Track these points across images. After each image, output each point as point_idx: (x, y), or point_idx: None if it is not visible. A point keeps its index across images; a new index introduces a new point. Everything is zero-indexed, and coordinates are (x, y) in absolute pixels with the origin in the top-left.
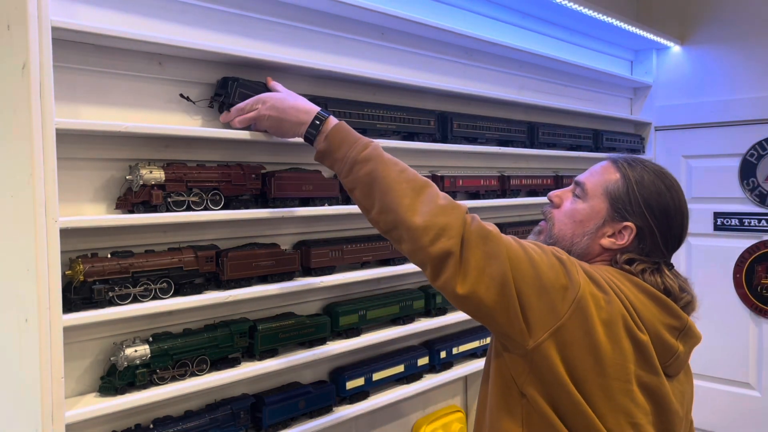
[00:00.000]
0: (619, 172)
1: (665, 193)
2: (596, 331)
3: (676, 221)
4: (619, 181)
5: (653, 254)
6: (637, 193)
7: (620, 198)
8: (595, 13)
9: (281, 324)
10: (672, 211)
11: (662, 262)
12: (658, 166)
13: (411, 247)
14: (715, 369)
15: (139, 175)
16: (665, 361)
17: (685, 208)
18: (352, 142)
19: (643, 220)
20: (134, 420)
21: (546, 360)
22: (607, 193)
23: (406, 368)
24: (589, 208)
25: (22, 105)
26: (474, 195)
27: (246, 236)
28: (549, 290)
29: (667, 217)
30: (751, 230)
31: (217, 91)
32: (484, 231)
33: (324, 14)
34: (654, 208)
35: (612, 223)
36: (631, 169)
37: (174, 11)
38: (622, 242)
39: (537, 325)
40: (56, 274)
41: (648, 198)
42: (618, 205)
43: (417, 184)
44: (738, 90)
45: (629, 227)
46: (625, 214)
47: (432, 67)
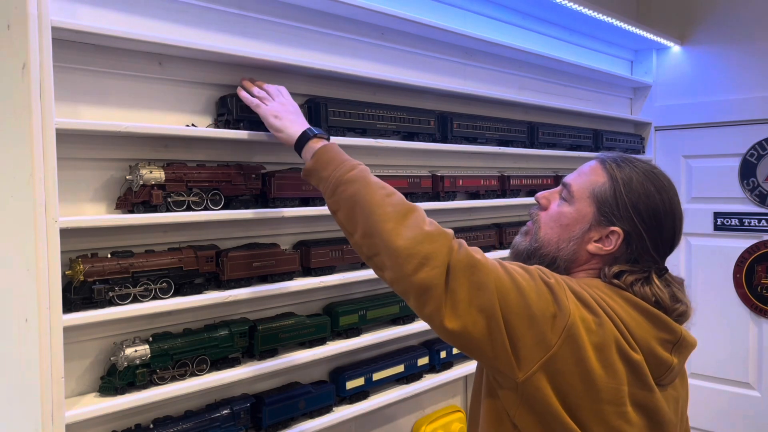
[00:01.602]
0: (607, 174)
1: (655, 196)
2: (588, 358)
3: (666, 225)
4: (606, 184)
5: (643, 260)
6: (624, 196)
7: (607, 201)
8: (595, 13)
9: (281, 324)
10: (662, 215)
11: (653, 270)
12: (649, 166)
13: (393, 275)
14: (715, 369)
15: (139, 175)
16: (660, 375)
17: (677, 211)
18: (339, 163)
19: (630, 224)
20: (134, 420)
21: (538, 391)
22: (593, 196)
23: (406, 368)
24: (575, 212)
25: (22, 105)
26: (474, 195)
27: (246, 236)
28: (538, 320)
29: (656, 220)
30: (751, 230)
31: (219, 111)
32: (471, 260)
33: (324, 14)
34: (642, 212)
35: (598, 227)
36: (619, 170)
37: (174, 11)
38: (609, 248)
39: (527, 357)
40: (56, 274)
41: (636, 201)
42: (605, 209)
43: (402, 209)
44: (738, 90)
45: (616, 232)
46: (612, 218)
47: (432, 67)
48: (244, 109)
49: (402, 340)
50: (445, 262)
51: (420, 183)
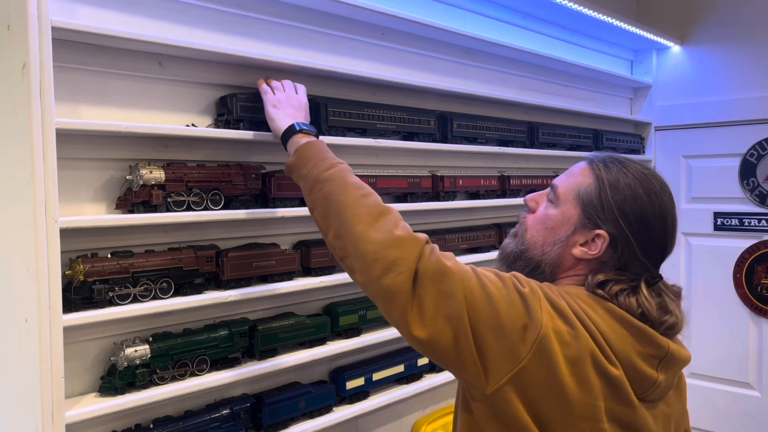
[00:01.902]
0: (594, 175)
1: (643, 198)
2: (560, 371)
3: (656, 229)
4: (592, 185)
5: (632, 266)
6: (610, 197)
7: (592, 203)
8: (595, 13)
9: (281, 324)
10: (650, 218)
11: (643, 278)
12: (641, 168)
13: (361, 279)
14: (715, 369)
15: (139, 175)
16: (643, 392)
17: (668, 215)
18: (319, 161)
19: (617, 227)
20: (134, 420)
21: (507, 405)
22: (578, 197)
23: (406, 368)
24: (560, 214)
25: (22, 105)
26: (474, 195)
27: (246, 236)
28: (508, 331)
29: (644, 224)
30: (751, 230)
31: (219, 111)
32: (441, 267)
33: (324, 14)
34: (629, 215)
35: (583, 230)
36: (607, 171)
37: (174, 11)
38: (595, 252)
39: (495, 369)
40: (56, 274)
41: (622, 203)
42: (590, 211)
43: (375, 211)
44: (738, 90)
45: (602, 236)
46: (598, 221)
47: (432, 67)
48: (244, 109)
49: (402, 340)
50: (411, 268)
51: (420, 183)
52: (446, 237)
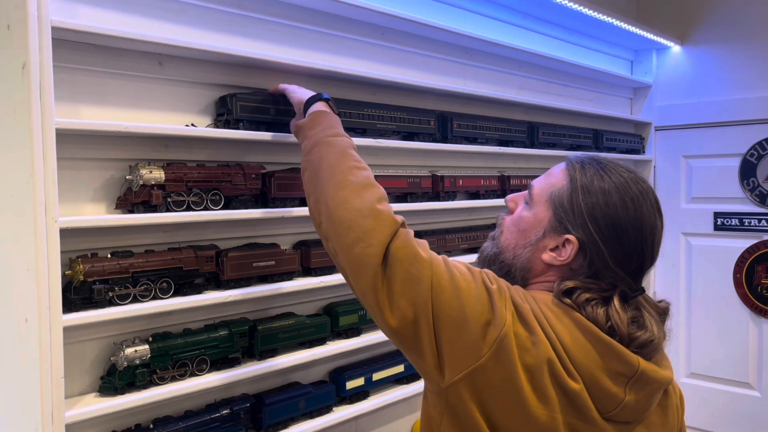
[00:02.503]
0: (568, 176)
1: (616, 204)
2: (518, 377)
3: (629, 237)
4: (565, 187)
5: (604, 275)
6: (581, 201)
7: (563, 206)
8: (595, 13)
9: (281, 324)
10: (623, 226)
11: (617, 290)
12: (622, 171)
13: (334, 245)
14: (715, 369)
15: (139, 175)
16: (607, 410)
17: (646, 222)
18: (329, 128)
19: (586, 233)
20: (134, 420)
21: (461, 402)
22: (551, 199)
23: (406, 368)
24: (532, 217)
25: (22, 105)
26: (474, 195)
27: (246, 236)
28: (470, 325)
29: (615, 231)
30: (751, 230)
31: (219, 110)
32: (412, 251)
33: (324, 14)
34: (599, 220)
35: (553, 234)
36: (582, 173)
37: (174, 11)
38: (564, 258)
39: (453, 362)
40: (56, 274)
41: (593, 208)
42: (560, 215)
43: (363, 182)
44: (738, 90)
45: (571, 241)
46: (568, 225)
47: (432, 67)
48: (244, 109)
49: None
50: (383, 243)
51: (420, 183)
52: (446, 237)
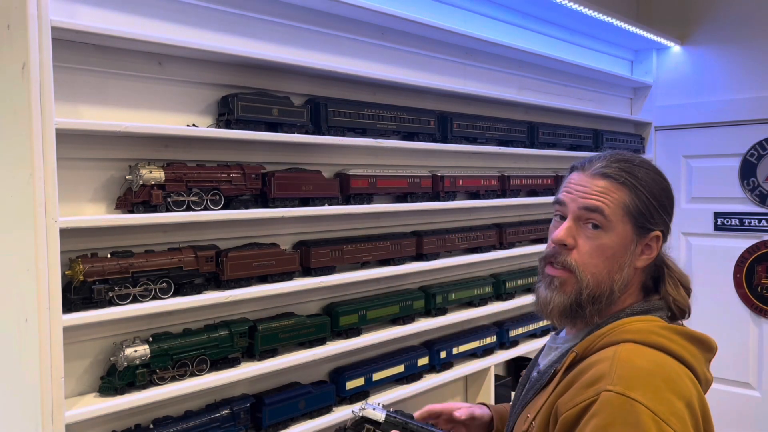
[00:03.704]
0: (624, 185)
1: (666, 185)
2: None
3: (673, 203)
4: (628, 196)
5: (666, 240)
6: (651, 199)
7: (639, 212)
8: (595, 13)
9: (281, 324)
10: (673, 197)
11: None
12: (641, 159)
13: None
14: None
15: (139, 175)
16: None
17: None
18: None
19: (663, 222)
20: (134, 420)
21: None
22: (627, 213)
23: (406, 368)
24: (616, 237)
25: (22, 105)
26: (474, 195)
27: (246, 236)
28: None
29: (673, 205)
30: (751, 230)
31: (220, 110)
32: None
33: (324, 14)
34: (666, 206)
35: (641, 240)
36: (633, 177)
37: (174, 11)
38: (655, 253)
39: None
40: (56, 274)
41: (661, 199)
42: (640, 221)
43: None
44: (738, 90)
45: (656, 236)
46: (647, 224)
47: (432, 67)
48: (246, 109)
49: (402, 340)
50: None
51: (420, 183)
52: (446, 237)
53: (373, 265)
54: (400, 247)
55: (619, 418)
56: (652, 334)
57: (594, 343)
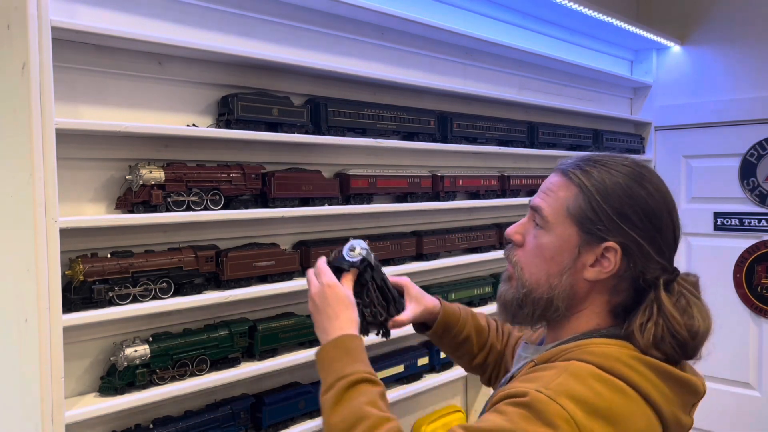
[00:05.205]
0: (573, 184)
1: (641, 194)
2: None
3: (664, 221)
4: (577, 196)
5: (649, 270)
6: (602, 204)
7: (586, 216)
8: (595, 13)
9: (281, 324)
10: (656, 213)
11: (661, 285)
12: (620, 160)
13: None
14: (715, 369)
15: (139, 175)
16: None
17: (669, 201)
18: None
19: (623, 234)
20: (134, 420)
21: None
22: (570, 214)
23: (406, 368)
24: (556, 239)
25: (22, 105)
26: (474, 195)
27: (246, 236)
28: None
29: (651, 222)
30: (751, 230)
31: (220, 110)
32: None
33: (324, 14)
34: (631, 217)
35: (588, 248)
36: (587, 177)
37: (174, 11)
38: (610, 268)
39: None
40: (56, 274)
41: (619, 206)
42: (587, 226)
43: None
44: (738, 90)
45: (612, 248)
46: (599, 233)
47: (432, 67)
48: (245, 109)
49: (402, 341)
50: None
51: (420, 183)
52: (446, 237)
53: None
54: (400, 247)
55: (537, 412)
56: (618, 362)
57: (555, 356)
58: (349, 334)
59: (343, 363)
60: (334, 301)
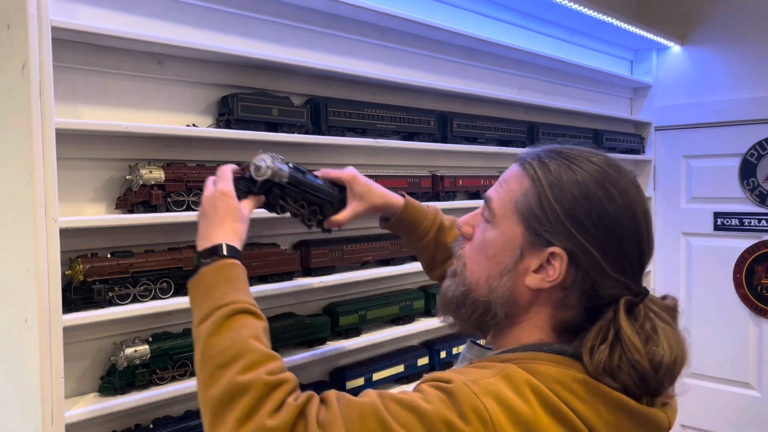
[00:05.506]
0: (528, 177)
1: (599, 196)
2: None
3: (624, 233)
4: (529, 190)
5: (603, 286)
6: (553, 202)
7: (534, 214)
8: (595, 13)
9: (281, 324)
10: (614, 220)
11: (621, 305)
12: (589, 156)
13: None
14: (715, 369)
15: (139, 175)
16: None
17: (637, 210)
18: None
19: (571, 240)
20: (134, 420)
21: None
22: (517, 210)
23: (406, 368)
24: (500, 236)
25: (22, 105)
26: (474, 195)
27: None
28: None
29: (607, 230)
30: (751, 230)
31: (220, 110)
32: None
33: (324, 14)
34: (583, 221)
35: (533, 252)
36: (544, 169)
37: (174, 11)
38: (553, 277)
39: None
40: (56, 274)
41: (571, 207)
42: (534, 225)
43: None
44: (738, 90)
45: (557, 254)
46: (546, 235)
47: (432, 67)
48: (245, 109)
49: (402, 340)
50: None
51: (420, 183)
52: None
53: (373, 265)
54: (400, 247)
55: (456, 401)
56: (557, 384)
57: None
58: (231, 262)
59: (222, 291)
60: (224, 209)
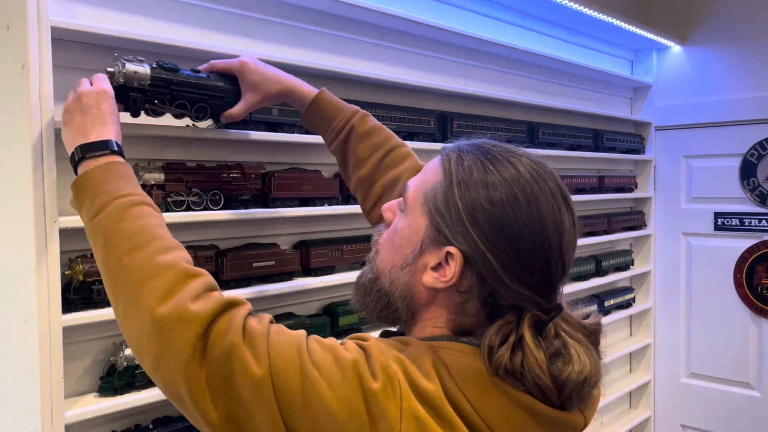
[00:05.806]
0: (441, 169)
1: (503, 201)
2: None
3: (525, 244)
4: (439, 183)
5: (502, 296)
6: (457, 199)
7: (438, 209)
8: (595, 13)
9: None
10: (515, 228)
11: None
12: (512, 155)
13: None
14: (715, 369)
15: (138, 175)
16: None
17: (547, 222)
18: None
19: (468, 241)
20: (134, 420)
21: None
22: (426, 202)
23: None
24: (407, 227)
25: (22, 105)
26: None
27: (246, 236)
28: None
29: (506, 237)
30: (752, 230)
31: None
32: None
33: (324, 14)
34: (482, 224)
35: (433, 248)
36: (458, 163)
37: (174, 11)
38: (447, 278)
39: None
40: (56, 274)
41: (472, 207)
42: (437, 220)
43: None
44: (738, 90)
45: (453, 254)
46: (446, 233)
47: (432, 67)
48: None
49: None
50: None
51: None
52: None
53: None
54: None
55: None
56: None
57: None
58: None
59: (116, 185)
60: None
